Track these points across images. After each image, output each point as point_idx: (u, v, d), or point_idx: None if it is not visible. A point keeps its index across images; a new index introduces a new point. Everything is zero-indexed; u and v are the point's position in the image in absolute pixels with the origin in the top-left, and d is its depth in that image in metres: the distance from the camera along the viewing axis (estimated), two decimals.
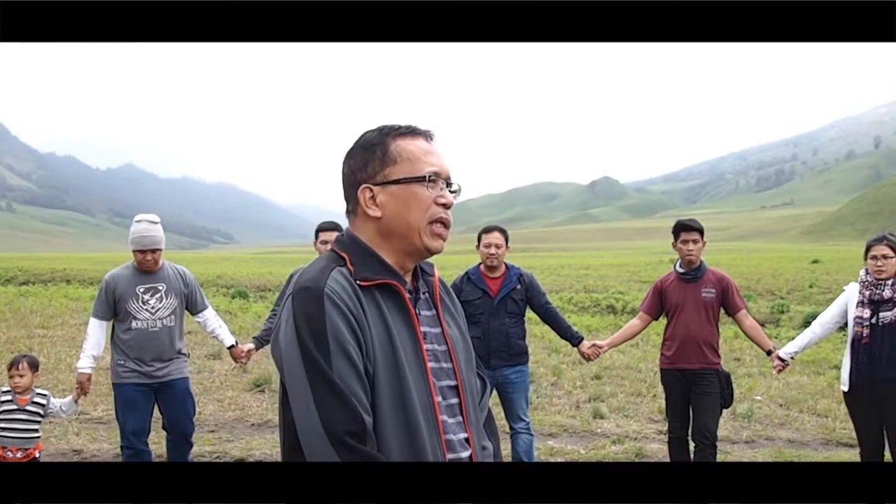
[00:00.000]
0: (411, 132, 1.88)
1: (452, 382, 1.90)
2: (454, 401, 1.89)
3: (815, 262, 40.46)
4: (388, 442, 1.72)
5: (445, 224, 1.87)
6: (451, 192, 1.91)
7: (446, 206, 1.86)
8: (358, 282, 1.77)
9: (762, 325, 16.68)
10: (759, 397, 9.33)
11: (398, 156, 1.84)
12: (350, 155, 1.91)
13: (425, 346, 1.84)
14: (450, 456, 1.83)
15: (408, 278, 1.91)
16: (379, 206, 1.84)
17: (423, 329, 1.86)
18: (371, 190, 1.85)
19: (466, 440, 1.89)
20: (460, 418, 1.89)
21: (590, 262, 45.54)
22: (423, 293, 1.94)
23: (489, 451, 2.01)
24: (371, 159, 1.86)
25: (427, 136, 1.91)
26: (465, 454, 1.87)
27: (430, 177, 1.83)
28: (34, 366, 4.95)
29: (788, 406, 8.93)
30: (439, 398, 1.84)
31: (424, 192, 1.83)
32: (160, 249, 5.22)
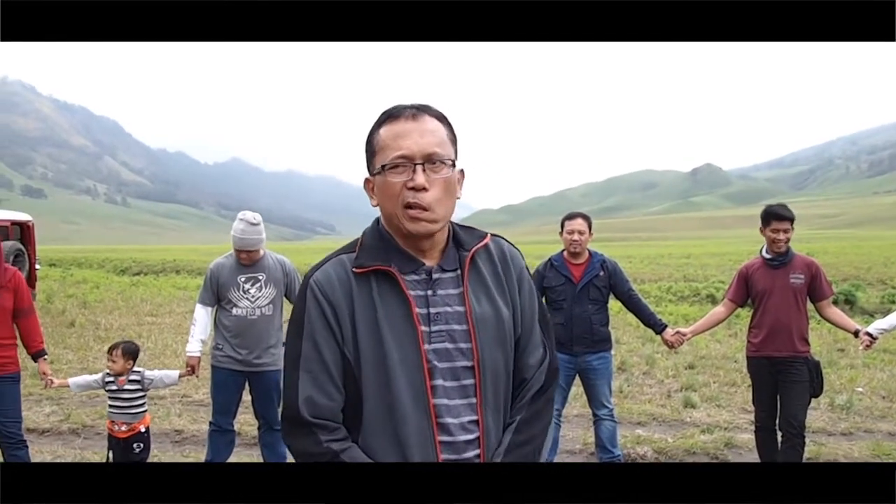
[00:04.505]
0: (390, 116, 1.88)
1: (468, 363, 1.87)
2: (468, 382, 1.87)
3: None
4: (371, 424, 1.84)
5: (421, 206, 1.81)
6: (447, 164, 1.85)
7: (417, 189, 1.81)
8: (353, 269, 1.87)
9: (871, 315, 16.09)
10: (860, 389, 8.97)
11: (376, 145, 1.88)
12: None
13: (421, 328, 1.84)
14: (442, 438, 1.84)
15: (432, 257, 1.92)
16: (375, 195, 1.92)
17: (435, 310, 1.87)
18: (370, 181, 1.93)
19: (475, 422, 1.87)
20: (473, 399, 1.87)
21: (690, 252, 44.64)
22: (453, 270, 1.92)
23: (513, 439, 1.91)
24: (367, 151, 1.93)
25: (407, 115, 1.86)
26: (463, 437, 1.86)
27: (389, 165, 1.83)
28: (128, 353, 5.20)
29: (892, 398, 8.55)
30: (440, 380, 1.84)
31: (391, 180, 1.83)
32: (257, 250, 5.44)
